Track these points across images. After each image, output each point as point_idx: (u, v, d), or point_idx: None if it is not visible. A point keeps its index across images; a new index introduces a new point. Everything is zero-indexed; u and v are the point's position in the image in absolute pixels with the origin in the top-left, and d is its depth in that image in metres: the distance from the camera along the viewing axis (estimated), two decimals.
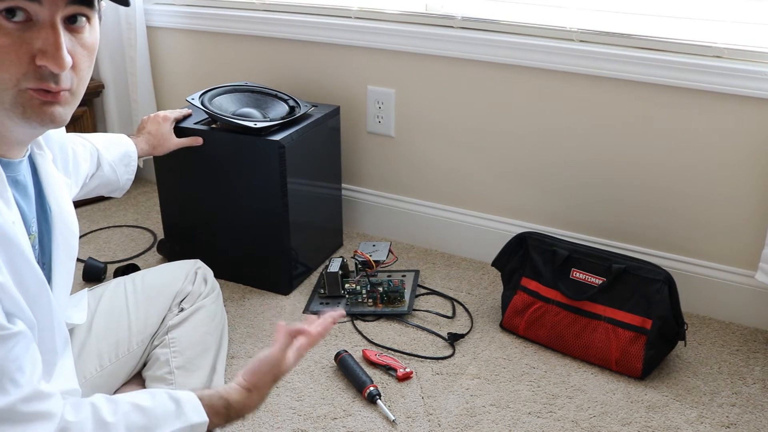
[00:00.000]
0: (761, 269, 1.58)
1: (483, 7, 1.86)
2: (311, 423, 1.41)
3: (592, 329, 1.57)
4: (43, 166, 1.05)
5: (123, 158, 1.55)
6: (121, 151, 1.55)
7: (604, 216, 1.84)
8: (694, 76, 1.60)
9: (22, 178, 0.98)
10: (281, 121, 1.76)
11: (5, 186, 0.91)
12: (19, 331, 0.87)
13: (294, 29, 2.05)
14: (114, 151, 1.53)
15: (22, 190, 0.98)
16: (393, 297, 1.77)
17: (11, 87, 0.84)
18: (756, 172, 1.63)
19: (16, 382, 0.86)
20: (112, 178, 1.52)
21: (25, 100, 0.85)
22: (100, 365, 1.30)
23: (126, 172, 1.56)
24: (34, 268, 0.93)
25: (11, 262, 0.88)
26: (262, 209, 1.78)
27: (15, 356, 0.86)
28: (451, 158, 1.99)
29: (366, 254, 1.82)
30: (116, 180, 1.54)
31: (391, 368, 1.54)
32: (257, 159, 1.73)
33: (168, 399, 1.00)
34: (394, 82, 1.99)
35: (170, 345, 1.37)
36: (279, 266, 1.83)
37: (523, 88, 1.82)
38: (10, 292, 0.87)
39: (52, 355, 1.01)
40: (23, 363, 0.87)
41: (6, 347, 0.85)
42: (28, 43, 0.82)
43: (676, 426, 1.40)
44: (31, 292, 0.93)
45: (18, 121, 0.87)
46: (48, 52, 0.83)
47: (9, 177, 0.93)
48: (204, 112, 1.77)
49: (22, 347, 0.88)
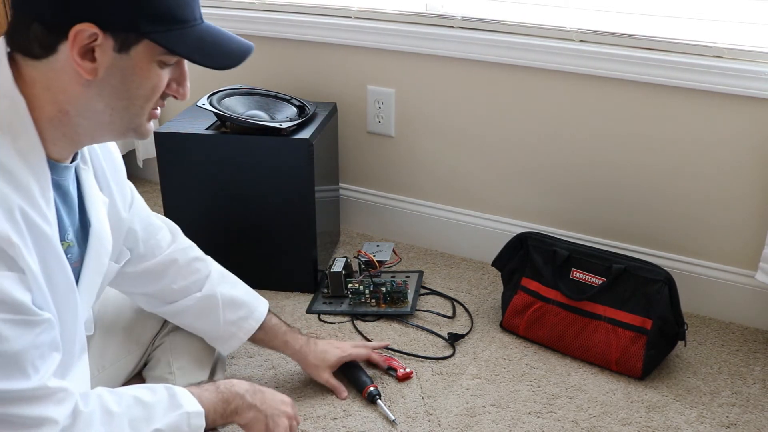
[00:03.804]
0: (761, 269, 1.58)
1: (483, 7, 1.86)
2: (311, 423, 1.41)
3: (592, 329, 1.57)
4: (87, 181, 1.07)
5: (239, 306, 1.38)
6: (243, 299, 1.40)
7: (604, 216, 1.84)
8: (694, 76, 1.60)
9: (66, 184, 1.01)
10: (300, 120, 1.78)
11: (49, 186, 0.94)
12: (47, 319, 0.91)
13: (294, 29, 2.05)
14: (234, 291, 1.40)
15: (63, 195, 1.01)
16: (396, 297, 1.77)
17: (148, 112, 0.97)
18: (756, 172, 1.63)
19: (36, 369, 0.89)
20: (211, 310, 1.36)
21: (146, 120, 0.98)
22: (102, 366, 1.31)
23: (234, 323, 1.37)
24: (65, 268, 0.97)
25: (43, 258, 0.92)
26: (288, 209, 1.78)
27: (41, 342, 0.90)
28: (451, 158, 1.99)
29: (369, 254, 1.82)
30: (218, 324, 1.36)
31: (391, 368, 1.55)
32: (283, 159, 1.73)
33: (165, 392, 1.06)
34: (394, 82, 1.99)
35: (171, 346, 1.37)
36: (304, 265, 1.83)
37: (523, 88, 1.82)
38: (40, 285, 0.91)
39: (69, 357, 1.02)
40: (45, 351, 0.91)
41: (33, 332, 0.89)
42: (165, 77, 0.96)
43: (676, 426, 1.40)
44: (59, 290, 0.96)
45: (129, 136, 0.99)
46: (182, 84, 0.99)
47: (53, 180, 0.96)
48: (215, 116, 1.77)
49: (47, 336, 0.91)
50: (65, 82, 0.91)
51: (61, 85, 0.91)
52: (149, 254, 1.30)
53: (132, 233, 1.26)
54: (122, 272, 1.28)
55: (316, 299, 1.82)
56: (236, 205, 1.82)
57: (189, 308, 1.34)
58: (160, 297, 1.34)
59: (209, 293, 1.35)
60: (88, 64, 0.89)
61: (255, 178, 1.77)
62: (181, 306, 1.34)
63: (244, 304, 1.39)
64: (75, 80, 0.90)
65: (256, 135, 1.74)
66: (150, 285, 1.33)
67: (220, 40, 0.97)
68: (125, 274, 1.29)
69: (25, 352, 0.88)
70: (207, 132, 1.78)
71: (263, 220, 1.81)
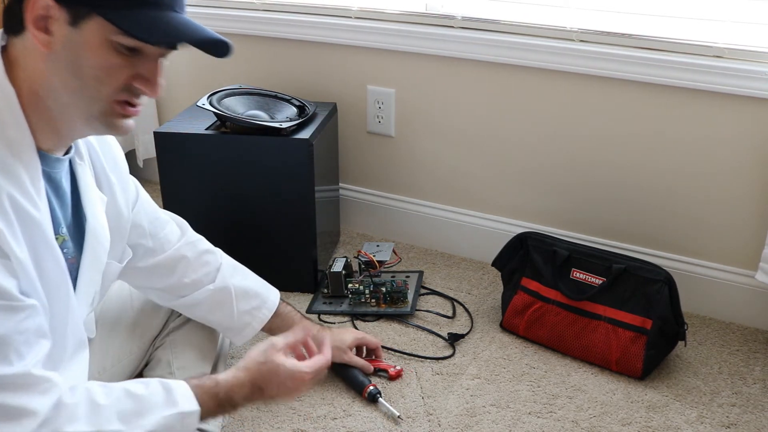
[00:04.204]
0: (761, 269, 1.58)
1: (483, 7, 1.86)
2: (311, 423, 1.41)
3: (592, 329, 1.57)
4: (84, 178, 1.07)
5: (252, 296, 1.40)
6: (255, 289, 1.41)
7: (604, 216, 1.84)
8: (694, 76, 1.60)
9: (58, 177, 1.00)
10: (300, 120, 1.77)
11: (39, 177, 0.94)
12: (31, 305, 0.90)
13: (294, 29, 2.05)
14: (246, 281, 1.41)
15: (56, 188, 1.00)
16: (396, 297, 1.77)
17: (105, 99, 0.94)
18: (756, 172, 1.63)
19: (21, 355, 0.88)
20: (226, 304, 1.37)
21: (111, 112, 0.95)
22: (103, 368, 1.31)
23: (248, 313, 1.39)
24: (57, 257, 0.96)
25: (33, 246, 0.91)
26: (288, 209, 1.78)
27: (24, 329, 0.89)
28: (451, 158, 1.99)
29: (369, 254, 1.82)
30: (231, 315, 1.37)
31: (381, 369, 1.54)
32: (283, 159, 1.73)
33: (160, 387, 1.01)
34: (394, 82, 1.99)
35: (171, 346, 1.37)
36: (304, 265, 1.84)
37: (523, 88, 1.82)
38: (27, 271, 0.90)
39: (61, 350, 1.01)
40: (30, 337, 0.90)
41: (16, 318, 0.88)
42: (133, 67, 0.94)
43: (676, 426, 1.40)
44: (50, 278, 0.95)
45: (97, 127, 0.98)
46: (150, 81, 0.95)
47: (43, 171, 0.96)
48: (215, 116, 1.77)
49: (32, 322, 0.90)
50: (33, 59, 0.91)
51: (31, 63, 0.92)
52: (159, 249, 1.31)
53: (139, 228, 1.26)
54: (134, 267, 1.28)
55: (316, 299, 1.82)
56: (236, 205, 1.82)
57: (202, 301, 1.35)
58: (173, 291, 1.34)
59: (222, 285, 1.36)
60: (43, 36, 0.89)
61: (255, 178, 1.77)
62: (195, 299, 1.35)
63: (256, 294, 1.41)
64: (39, 56, 0.91)
65: (256, 135, 1.74)
66: (162, 279, 1.33)
67: (184, 26, 0.94)
68: (137, 270, 1.29)
69: (7, 337, 0.87)
70: (207, 132, 1.78)
71: (263, 220, 1.81)
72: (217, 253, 1.41)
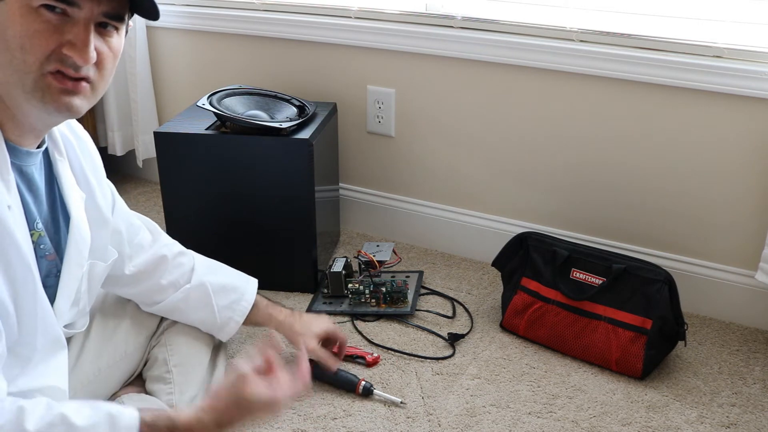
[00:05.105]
0: (761, 269, 1.58)
1: (483, 7, 1.86)
2: (311, 423, 1.41)
3: (592, 329, 1.57)
4: (64, 172, 1.06)
5: (230, 290, 1.40)
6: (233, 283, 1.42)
7: (604, 216, 1.84)
8: (694, 76, 1.60)
9: (30, 170, 0.99)
10: (300, 120, 1.78)
11: (8, 169, 0.93)
12: None
13: (294, 29, 2.05)
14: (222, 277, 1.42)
15: (28, 183, 0.99)
16: (396, 297, 1.77)
17: (34, 70, 0.90)
18: (756, 171, 1.63)
19: None
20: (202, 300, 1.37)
21: (45, 85, 0.91)
22: (98, 368, 1.30)
23: (228, 308, 1.39)
24: (22, 253, 0.94)
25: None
26: (288, 209, 1.78)
27: None
28: (451, 158, 1.99)
29: (369, 254, 1.82)
30: (212, 312, 1.37)
31: (358, 356, 1.54)
32: (283, 159, 1.73)
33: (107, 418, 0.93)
34: (394, 82, 1.99)
35: (167, 344, 1.37)
36: (304, 265, 1.84)
37: (523, 88, 1.82)
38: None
39: (29, 349, 0.99)
40: None
41: None
42: (60, 34, 0.90)
43: (676, 426, 1.40)
44: (15, 276, 0.93)
45: (36, 105, 0.92)
46: (76, 45, 0.90)
47: (14, 164, 0.94)
48: (215, 116, 1.77)
49: None
50: None
51: None
52: (134, 255, 1.32)
53: (117, 235, 1.27)
54: (117, 276, 1.29)
55: (316, 299, 1.82)
56: (236, 205, 1.82)
57: (182, 301, 1.36)
58: (151, 294, 1.35)
59: (198, 283, 1.38)
60: None
61: (255, 178, 1.77)
62: (174, 300, 1.36)
63: (234, 287, 1.42)
64: None
65: (256, 135, 1.74)
66: (141, 284, 1.34)
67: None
68: (120, 278, 1.31)
69: None
70: (207, 132, 1.78)
71: (263, 220, 1.81)
72: (189, 254, 1.42)
